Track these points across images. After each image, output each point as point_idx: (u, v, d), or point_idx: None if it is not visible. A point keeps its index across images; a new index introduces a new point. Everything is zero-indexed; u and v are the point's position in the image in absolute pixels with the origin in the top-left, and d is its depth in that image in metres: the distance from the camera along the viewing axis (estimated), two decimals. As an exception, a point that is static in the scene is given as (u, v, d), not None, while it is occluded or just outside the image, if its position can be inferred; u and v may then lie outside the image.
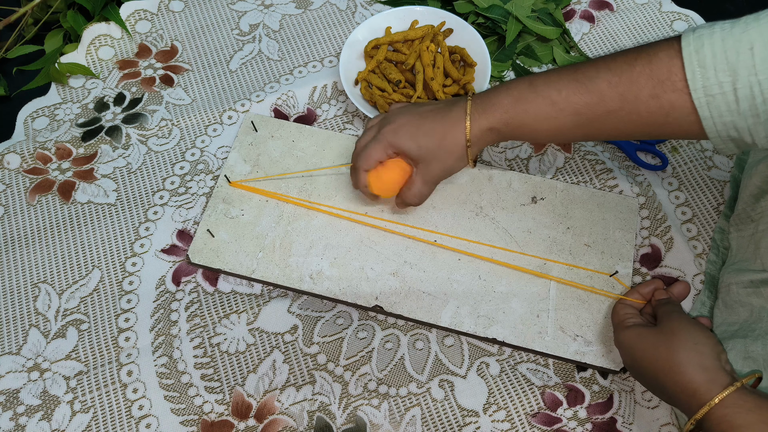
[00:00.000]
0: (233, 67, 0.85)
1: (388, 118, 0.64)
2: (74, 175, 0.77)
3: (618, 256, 0.68)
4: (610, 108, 0.54)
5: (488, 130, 0.60)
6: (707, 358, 0.52)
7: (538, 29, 0.82)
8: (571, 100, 0.56)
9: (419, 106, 0.65)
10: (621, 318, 0.61)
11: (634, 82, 0.52)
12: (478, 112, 0.60)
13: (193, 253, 0.70)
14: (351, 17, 0.89)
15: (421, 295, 0.67)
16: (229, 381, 0.66)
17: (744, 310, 0.60)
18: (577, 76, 0.56)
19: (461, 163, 0.62)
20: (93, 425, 0.64)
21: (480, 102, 0.60)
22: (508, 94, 0.59)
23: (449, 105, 0.62)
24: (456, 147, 0.61)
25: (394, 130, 0.62)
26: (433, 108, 0.63)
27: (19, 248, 0.73)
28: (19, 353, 0.67)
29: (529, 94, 0.57)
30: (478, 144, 0.61)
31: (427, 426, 0.63)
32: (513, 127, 0.59)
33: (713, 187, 0.74)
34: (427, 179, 0.64)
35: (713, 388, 0.50)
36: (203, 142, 0.79)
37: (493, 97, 0.59)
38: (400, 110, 0.65)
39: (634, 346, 0.57)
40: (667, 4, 0.88)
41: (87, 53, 0.86)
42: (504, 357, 0.66)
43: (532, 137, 0.60)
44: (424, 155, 0.62)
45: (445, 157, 0.62)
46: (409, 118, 0.62)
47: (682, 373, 0.52)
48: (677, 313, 0.57)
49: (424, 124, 0.61)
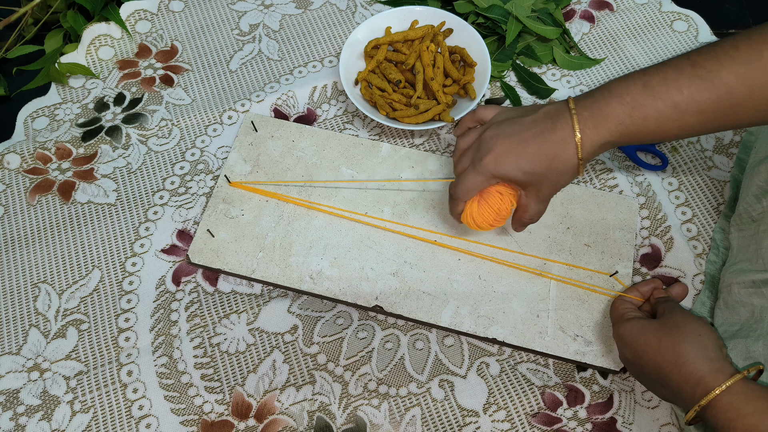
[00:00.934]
0: (233, 67, 0.85)
1: (484, 143, 0.58)
2: (74, 175, 0.77)
3: (618, 256, 0.68)
4: (738, 101, 0.51)
5: (603, 145, 0.55)
6: (711, 349, 0.52)
7: (538, 29, 0.82)
8: (694, 99, 0.51)
9: (514, 123, 0.58)
10: (620, 312, 0.60)
11: (765, 69, 0.49)
12: (589, 127, 0.54)
13: (193, 253, 0.70)
14: (351, 17, 0.89)
15: (421, 295, 0.67)
16: (229, 381, 0.66)
17: (745, 310, 0.60)
18: (698, 72, 0.51)
19: (573, 178, 0.58)
20: (93, 425, 0.64)
21: (588, 114, 0.54)
22: (621, 102, 0.53)
23: (550, 120, 0.56)
24: (567, 166, 0.56)
25: (495, 160, 0.57)
26: (532, 126, 0.57)
27: (19, 248, 0.73)
28: (19, 353, 0.67)
29: (646, 99, 0.52)
30: (590, 159, 0.56)
31: (427, 426, 0.63)
32: (630, 136, 0.54)
33: (713, 187, 0.74)
34: (541, 198, 0.59)
35: (719, 377, 0.50)
36: (203, 142, 0.79)
37: (604, 107, 0.54)
38: (496, 132, 0.58)
39: (636, 339, 0.56)
40: (667, 4, 0.88)
41: (87, 53, 0.86)
42: (504, 357, 0.66)
43: (649, 141, 0.56)
44: (531, 180, 0.57)
45: (556, 177, 0.57)
46: (509, 143, 0.57)
47: (688, 363, 0.51)
48: (678, 309, 0.57)
49: (527, 149, 0.56)
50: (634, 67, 0.83)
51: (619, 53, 0.84)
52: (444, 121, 0.74)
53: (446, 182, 0.72)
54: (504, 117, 0.60)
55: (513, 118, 0.59)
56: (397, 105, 0.76)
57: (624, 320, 0.59)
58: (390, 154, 0.75)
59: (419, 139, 0.79)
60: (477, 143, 0.60)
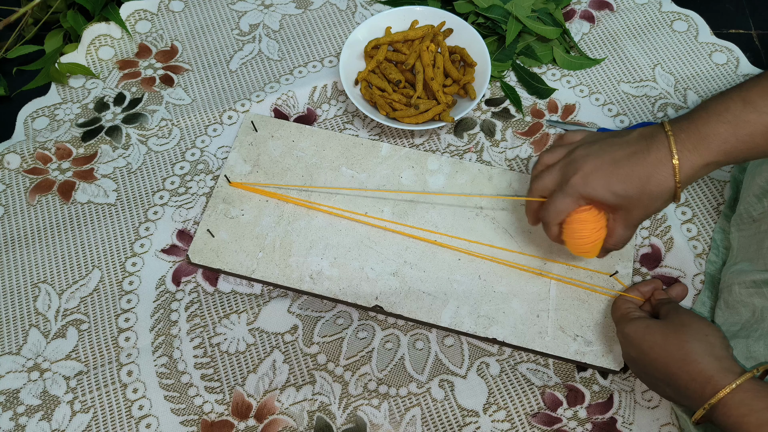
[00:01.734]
0: (233, 67, 0.85)
1: (573, 161, 0.56)
2: (74, 175, 0.77)
3: (618, 256, 0.68)
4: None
5: (704, 167, 0.53)
6: (718, 348, 0.52)
7: (538, 29, 0.82)
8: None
9: (605, 143, 0.56)
10: (624, 311, 0.60)
11: None
12: (687, 149, 0.52)
13: (193, 253, 0.70)
14: (351, 17, 0.89)
15: (421, 295, 0.67)
16: (229, 381, 0.66)
17: (746, 310, 0.60)
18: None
19: (668, 203, 0.55)
20: (93, 425, 0.64)
21: (685, 136, 0.52)
22: (721, 120, 0.51)
23: (645, 142, 0.54)
24: (662, 190, 0.53)
25: (584, 180, 0.55)
26: (624, 147, 0.55)
27: (19, 248, 0.73)
28: (19, 353, 0.67)
29: (750, 115, 0.50)
30: (689, 182, 0.54)
31: (427, 426, 0.63)
32: (735, 155, 0.52)
33: (713, 187, 0.74)
34: (629, 224, 0.57)
35: (728, 376, 0.50)
36: (203, 142, 0.79)
37: (702, 127, 0.52)
38: (586, 152, 0.56)
39: (641, 337, 0.56)
40: (667, 4, 0.88)
41: (87, 53, 0.86)
42: (504, 357, 0.66)
43: (753, 158, 0.54)
44: (622, 203, 0.55)
45: (649, 201, 0.54)
46: (599, 163, 0.55)
47: (696, 362, 0.51)
48: (682, 309, 0.57)
49: (619, 170, 0.54)
50: (634, 67, 0.83)
51: (619, 53, 0.84)
52: (444, 121, 0.74)
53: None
54: (594, 139, 0.58)
55: (604, 140, 0.57)
56: (397, 105, 0.76)
57: (628, 320, 0.58)
58: (390, 154, 0.75)
59: (419, 139, 0.79)
60: (565, 162, 0.57)
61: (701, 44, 0.84)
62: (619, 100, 0.81)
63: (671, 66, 0.83)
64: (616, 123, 0.79)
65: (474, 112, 0.80)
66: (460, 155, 0.77)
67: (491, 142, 0.78)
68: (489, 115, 0.80)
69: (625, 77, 0.82)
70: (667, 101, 0.80)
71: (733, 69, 0.82)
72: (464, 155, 0.77)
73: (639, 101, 0.81)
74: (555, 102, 0.81)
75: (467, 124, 0.80)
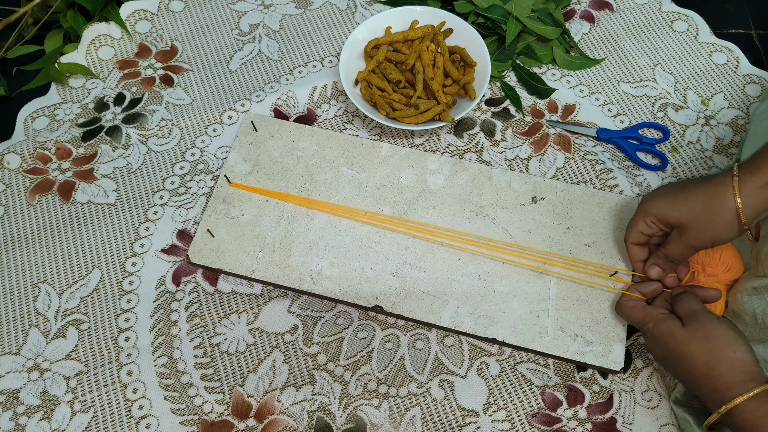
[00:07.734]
0: (233, 67, 0.85)
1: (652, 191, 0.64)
2: (74, 175, 0.77)
3: (618, 256, 0.68)
4: None
5: (764, 187, 0.55)
6: (742, 363, 0.53)
7: (538, 29, 0.82)
8: None
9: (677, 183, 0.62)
10: (644, 313, 0.60)
11: None
12: (749, 171, 0.56)
13: (193, 253, 0.70)
14: (351, 17, 0.89)
15: (421, 295, 0.67)
16: (229, 381, 0.66)
17: (749, 317, 0.61)
18: None
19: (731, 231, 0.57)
20: (93, 425, 0.64)
21: (747, 164, 0.57)
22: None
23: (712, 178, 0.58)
24: (723, 210, 0.56)
25: (652, 197, 0.61)
26: (693, 181, 0.60)
27: (19, 248, 0.73)
28: (19, 353, 0.67)
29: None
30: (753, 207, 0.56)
31: (427, 426, 0.63)
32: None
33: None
34: (689, 243, 0.59)
35: (748, 384, 0.51)
36: (203, 142, 0.80)
37: (763, 152, 0.56)
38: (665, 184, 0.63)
39: (666, 344, 0.57)
40: (667, 4, 0.88)
41: (87, 53, 0.86)
42: (504, 357, 0.66)
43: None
44: (684, 220, 0.58)
45: (710, 221, 0.57)
46: (670, 186, 0.61)
47: (719, 376, 0.52)
48: (703, 313, 0.57)
49: (684, 190, 0.59)
50: (634, 67, 0.83)
51: (619, 53, 0.84)
52: (444, 121, 0.74)
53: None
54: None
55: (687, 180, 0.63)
56: (397, 105, 0.76)
57: (657, 321, 0.58)
58: (390, 154, 0.75)
59: (419, 139, 0.79)
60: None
61: (701, 44, 0.84)
62: (619, 100, 0.81)
63: (671, 66, 0.83)
64: (616, 123, 0.79)
65: (474, 112, 0.80)
66: (460, 155, 0.77)
67: (491, 142, 0.78)
68: (489, 115, 0.80)
69: (625, 77, 0.82)
70: (667, 101, 0.80)
71: (733, 69, 0.82)
72: (464, 155, 0.77)
73: (639, 101, 0.81)
74: (555, 102, 0.81)
75: (467, 124, 0.80)
